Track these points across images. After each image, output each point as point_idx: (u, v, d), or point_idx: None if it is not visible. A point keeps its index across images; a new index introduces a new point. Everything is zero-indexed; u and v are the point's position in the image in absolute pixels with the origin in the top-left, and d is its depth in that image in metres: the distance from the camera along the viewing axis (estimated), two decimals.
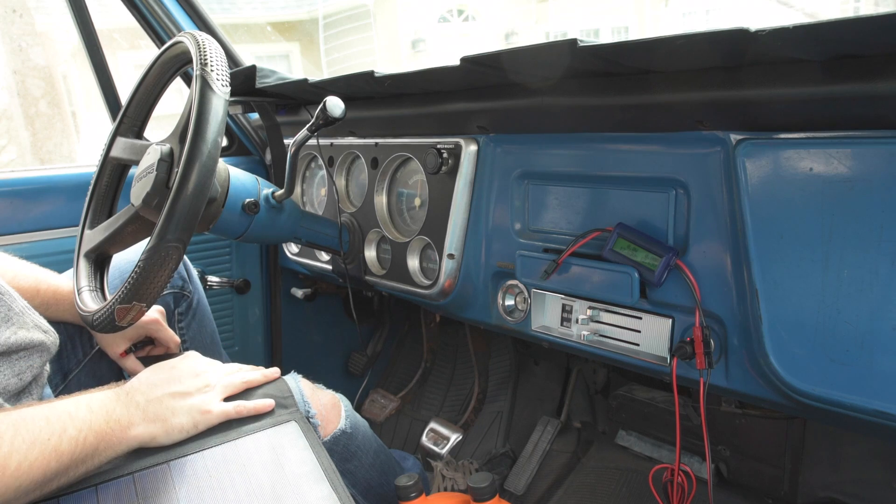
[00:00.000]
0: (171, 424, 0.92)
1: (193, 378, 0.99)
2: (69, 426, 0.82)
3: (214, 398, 0.98)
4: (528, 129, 1.20)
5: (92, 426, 0.84)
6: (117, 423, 0.88)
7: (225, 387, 1.01)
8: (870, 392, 0.80)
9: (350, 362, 2.23)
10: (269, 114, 1.56)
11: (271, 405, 1.02)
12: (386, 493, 1.33)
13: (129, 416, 0.90)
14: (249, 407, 0.99)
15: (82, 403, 0.86)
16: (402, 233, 1.47)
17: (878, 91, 0.73)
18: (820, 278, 0.82)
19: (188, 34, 1.07)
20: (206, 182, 0.93)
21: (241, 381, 1.04)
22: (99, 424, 0.85)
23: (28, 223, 1.60)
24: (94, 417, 0.85)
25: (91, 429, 0.84)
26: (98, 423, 0.85)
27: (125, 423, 0.89)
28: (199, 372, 1.01)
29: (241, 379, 1.05)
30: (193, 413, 0.95)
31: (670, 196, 1.01)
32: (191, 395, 0.96)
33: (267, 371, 1.10)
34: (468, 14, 8.59)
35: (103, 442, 0.85)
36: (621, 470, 1.64)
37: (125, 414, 0.89)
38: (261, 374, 1.08)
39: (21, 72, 3.92)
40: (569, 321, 1.16)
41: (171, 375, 0.98)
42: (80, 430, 0.83)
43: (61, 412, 0.83)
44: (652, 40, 0.81)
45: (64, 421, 0.82)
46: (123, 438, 0.88)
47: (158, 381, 0.96)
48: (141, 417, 0.91)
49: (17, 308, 0.97)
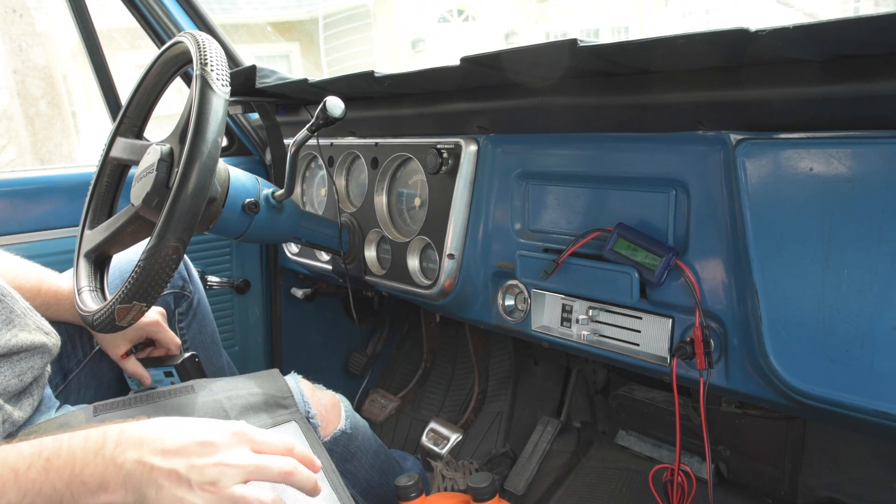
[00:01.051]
0: (149, 503, 0.70)
1: (210, 464, 0.72)
2: (9, 490, 0.67)
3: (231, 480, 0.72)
4: (528, 129, 1.20)
5: (42, 491, 0.68)
6: (83, 487, 0.69)
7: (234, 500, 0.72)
8: (870, 392, 0.80)
9: (350, 362, 2.23)
10: (269, 114, 1.56)
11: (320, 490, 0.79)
12: (386, 493, 1.33)
13: (103, 477, 0.70)
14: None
15: (41, 459, 0.69)
16: (402, 233, 1.47)
17: (878, 91, 0.73)
18: (820, 278, 0.82)
19: (188, 34, 1.08)
20: (206, 182, 0.93)
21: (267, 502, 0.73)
22: (54, 488, 0.68)
23: (28, 223, 1.60)
24: (48, 480, 0.68)
25: (40, 494, 0.68)
26: (52, 487, 0.68)
27: (94, 486, 0.69)
28: (222, 458, 0.73)
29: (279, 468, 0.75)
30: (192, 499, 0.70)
31: (670, 196, 1.01)
32: (189, 487, 0.71)
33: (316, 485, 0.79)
34: (468, 14, 8.59)
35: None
36: (621, 470, 1.64)
37: (98, 475, 0.70)
38: (310, 482, 0.78)
39: (21, 72, 3.91)
40: (569, 321, 1.16)
41: (187, 443, 0.73)
42: (24, 495, 0.67)
43: (6, 469, 0.68)
44: (652, 40, 0.81)
45: (4, 482, 0.67)
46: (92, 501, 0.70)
47: (169, 443, 0.73)
48: (120, 482, 0.70)
49: (19, 310, 0.97)
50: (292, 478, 0.76)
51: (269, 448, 0.77)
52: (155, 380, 1.26)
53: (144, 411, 0.98)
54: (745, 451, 1.45)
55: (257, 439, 0.77)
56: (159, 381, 1.26)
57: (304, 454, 0.80)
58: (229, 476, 0.72)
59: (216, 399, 1.03)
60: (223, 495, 0.71)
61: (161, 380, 1.26)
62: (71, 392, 1.24)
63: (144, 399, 1.04)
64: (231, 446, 0.74)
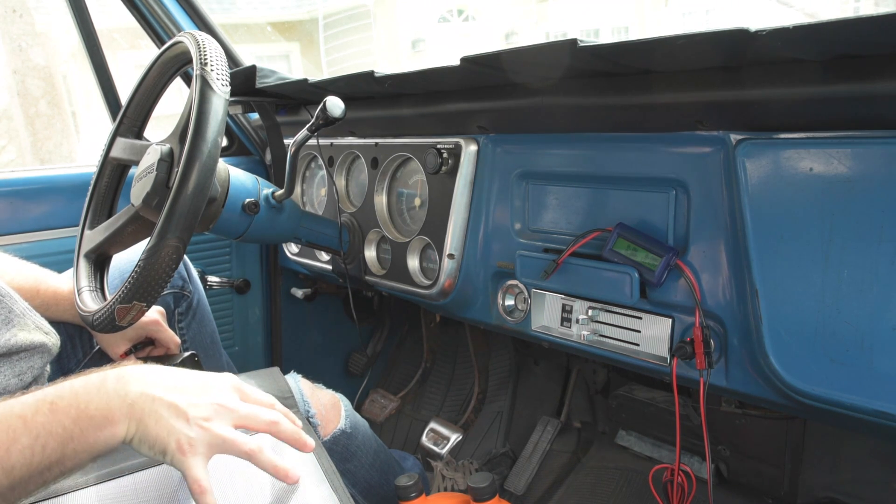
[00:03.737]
0: (146, 433, 0.75)
1: (205, 403, 0.78)
2: (21, 435, 0.70)
3: (201, 445, 0.76)
4: (528, 129, 1.20)
5: (52, 431, 0.71)
6: (90, 422, 0.73)
7: (225, 442, 0.77)
8: (870, 392, 0.80)
9: (350, 362, 2.23)
10: (269, 114, 1.56)
11: (311, 446, 0.83)
12: (386, 493, 1.33)
13: (108, 410, 0.74)
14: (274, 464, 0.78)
15: (46, 401, 0.73)
16: (402, 233, 1.47)
17: (878, 91, 0.73)
18: (820, 278, 0.82)
19: (188, 34, 1.08)
20: (206, 182, 0.93)
21: (250, 447, 0.78)
22: (63, 427, 0.72)
23: (28, 223, 1.60)
24: (56, 420, 0.72)
25: (51, 434, 0.71)
26: (62, 426, 0.72)
27: (101, 420, 0.73)
28: (216, 399, 0.79)
29: (248, 449, 0.78)
30: (171, 439, 0.75)
31: (670, 196, 1.01)
32: (185, 419, 0.76)
33: (303, 437, 0.84)
34: (468, 14, 8.59)
35: (70, 445, 0.72)
36: (621, 470, 1.64)
37: (104, 408, 0.74)
38: (294, 434, 0.83)
39: (21, 72, 3.91)
40: (569, 321, 1.16)
41: (186, 383, 0.79)
42: (35, 437, 0.70)
43: (15, 417, 0.71)
44: (652, 40, 0.81)
45: (15, 429, 0.70)
46: (99, 438, 0.73)
47: (168, 381, 0.79)
48: (125, 412, 0.74)
49: (18, 310, 0.97)
50: (277, 427, 0.82)
51: (256, 401, 0.84)
52: None
53: None
54: (745, 451, 1.45)
55: (246, 391, 0.84)
56: None
57: (284, 410, 0.86)
58: (223, 416, 0.78)
59: None
60: (214, 434, 0.76)
61: None
62: None
63: None
64: (225, 391, 0.81)
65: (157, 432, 0.75)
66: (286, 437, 0.82)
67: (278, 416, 0.82)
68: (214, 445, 0.77)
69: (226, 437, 0.77)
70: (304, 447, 0.83)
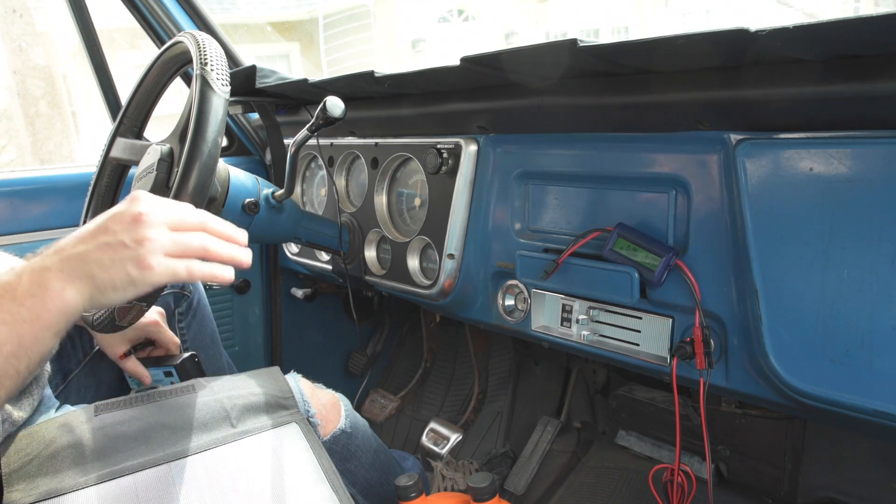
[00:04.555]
0: (100, 280, 0.73)
1: (129, 225, 0.76)
2: None
3: (155, 252, 0.75)
4: (528, 129, 1.20)
5: (1, 319, 0.69)
6: (32, 298, 0.71)
7: (175, 242, 0.77)
8: (870, 392, 0.80)
9: (350, 362, 2.23)
10: (269, 114, 1.56)
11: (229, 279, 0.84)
12: (386, 492, 1.33)
13: (41, 279, 0.72)
14: (205, 271, 0.79)
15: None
16: (402, 233, 1.47)
17: (878, 91, 0.73)
18: (820, 278, 0.82)
19: (188, 34, 1.08)
20: (206, 182, 0.93)
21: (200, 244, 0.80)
22: (10, 312, 0.70)
23: (28, 223, 1.60)
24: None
25: (2, 322, 0.69)
26: (8, 312, 0.70)
27: (41, 293, 0.71)
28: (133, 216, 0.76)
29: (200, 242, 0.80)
30: (127, 266, 0.74)
31: (670, 196, 1.01)
32: (124, 246, 0.74)
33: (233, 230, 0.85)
34: (468, 14, 8.59)
35: (19, 327, 0.70)
36: (621, 470, 1.64)
37: (36, 279, 0.72)
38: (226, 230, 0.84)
39: (21, 72, 3.92)
40: (569, 321, 1.16)
41: (98, 225, 0.77)
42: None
43: None
44: (652, 40, 0.81)
45: None
46: (45, 310, 0.71)
47: (81, 234, 0.76)
48: (61, 279, 0.72)
49: None
50: (209, 253, 0.80)
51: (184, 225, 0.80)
52: (155, 379, 1.26)
53: (145, 411, 0.98)
54: (745, 451, 1.45)
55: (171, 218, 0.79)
56: (159, 380, 1.26)
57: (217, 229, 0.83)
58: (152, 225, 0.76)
59: (217, 398, 1.03)
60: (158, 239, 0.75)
61: (161, 379, 1.26)
62: (71, 392, 1.24)
63: (145, 399, 1.04)
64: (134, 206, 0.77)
65: (109, 274, 0.74)
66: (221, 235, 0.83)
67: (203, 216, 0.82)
68: (166, 248, 0.76)
69: (173, 238, 0.77)
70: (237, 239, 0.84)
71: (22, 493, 0.84)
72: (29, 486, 0.85)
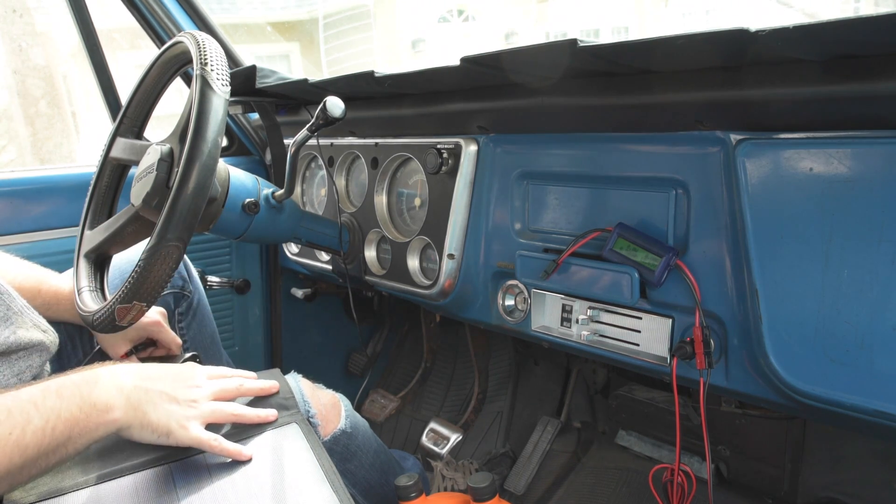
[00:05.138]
0: (147, 419, 0.88)
1: (187, 387, 0.94)
2: (34, 417, 0.77)
3: (196, 418, 0.92)
4: (528, 129, 1.20)
5: (61, 415, 0.79)
6: (93, 408, 0.83)
7: (213, 412, 0.95)
8: (870, 392, 0.80)
9: (350, 362, 2.23)
10: (269, 114, 1.56)
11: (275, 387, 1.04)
12: (386, 493, 1.33)
13: (108, 399, 0.85)
14: (229, 449, 0.92)
15: (51, 390, 0.81)
16: (402, 233, 1.47)
17: (878, 91, 0.73)
18: (820, 278, 0.82)
19: (188, 34, 1.08)
20: (206, 182, 0.93)
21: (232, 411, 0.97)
22: (70, 412, 0.81)
23: (28, 223, 1.60)
24: (63, 405, 0.80)
25: (60, 417, 0.79)
26: (69, 411, 0.80)
27: (103, 406, 0.84)
28: (194, 383, 0.96)
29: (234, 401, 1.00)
30: (172, 420, 0.90)
31: (670, 196, 1.01)
32: (177, 402, 0.91)
33: (264, 384, 1.05)
34: (468, 14, 8.59)
35: (76, 429, 0.81)
36: (621, 470, 1.64)
37: (105, 397, 0.85)
38: (258, 386, 1.04)
39: (21, 72, 3.91)
40: (569, 321, 1.16)
41: (166, 374, 0.94)
42: (46, 419, 0.78)
43: (25, 402, 0.78)
44: (652, 40, 0.81)
45: (27, 412, 0.77)
46: (100, 423, 0.84)
47: (153, 374, 0.93)
48: (123, 402, 0.86)
49: (16, 308, 0.97)
50: (244, 387, 1.02)
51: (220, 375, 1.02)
52: None
53: None
54: (745, 451, 1.45)
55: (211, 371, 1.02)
56: None
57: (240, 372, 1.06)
58: (203, 394, 0.95)
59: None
60: (202, 408, 0.94)
61: None
62: None
63: None
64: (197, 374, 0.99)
65: (157, 417, 0.89)
66: (254, 392, 1.03)
67: (240, 381, 1.02)
68: (205, 417, 0.93)
69: (213, 408, 0.95)
70: (269, 391, 1.05)
71: (22, 493, 0.84)
72: (29, 486, 0.85)
